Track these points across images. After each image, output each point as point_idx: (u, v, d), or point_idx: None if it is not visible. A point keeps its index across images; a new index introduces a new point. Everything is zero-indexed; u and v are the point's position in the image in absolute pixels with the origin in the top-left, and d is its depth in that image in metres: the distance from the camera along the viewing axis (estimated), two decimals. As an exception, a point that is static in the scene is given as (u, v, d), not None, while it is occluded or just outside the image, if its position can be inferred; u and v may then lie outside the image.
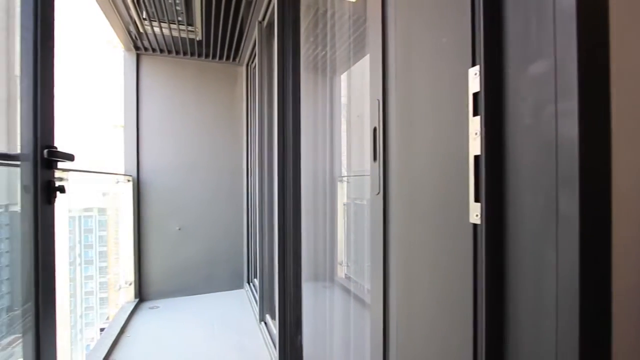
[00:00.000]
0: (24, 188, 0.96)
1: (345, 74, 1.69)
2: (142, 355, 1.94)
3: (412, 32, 0.62)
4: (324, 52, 1.67)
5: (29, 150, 0.93)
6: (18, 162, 0.95)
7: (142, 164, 2.73)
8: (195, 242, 2.88)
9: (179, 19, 2.25)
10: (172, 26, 2.33)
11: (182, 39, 2.54)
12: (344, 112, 1.72)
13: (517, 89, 0.41)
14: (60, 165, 1.04)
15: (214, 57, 2.88)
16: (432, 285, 0.56)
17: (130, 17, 2.23)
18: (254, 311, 2.47)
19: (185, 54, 2.82)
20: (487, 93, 0.43)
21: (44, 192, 0.96)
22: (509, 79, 0.42)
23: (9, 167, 1.24)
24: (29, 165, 0.93)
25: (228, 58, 2.92)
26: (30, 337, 0.98)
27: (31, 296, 0.98)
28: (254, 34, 2.30)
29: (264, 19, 2.07)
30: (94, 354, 1.91)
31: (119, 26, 2.33)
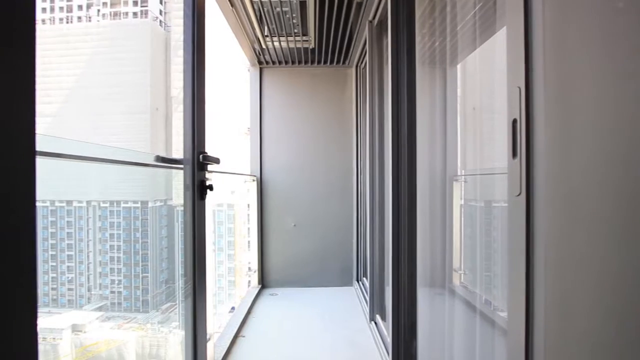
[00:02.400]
0: (185, 187, 1.19)
1: (460, 64, 1.55)
2: (265, 335, 2.18)
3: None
4: (439, 42, 1.56)
5: (189, 155, 1.15)
6: (181, 166, 1.19)
7: (264, 165, 3.09)
8: (308, 238, 3.09)
9: (295, 31, 2.44)
10: (289, 39, 2.54)
11: (298, 49, 2.75)
12: (458, 106, 1.57)
13: None
14: (208, 167, 1.25)
15: (325, 62, 3.04)
16: (608, 312, 0.45)
17: (255, 35, 2.53)
18: (363, 310, 2.49)
19: (300, 62, 3.05)
20: None
21: (198, 189, 1.17)
22: None
23: (167, 169, 1.55)
24: (189, 168, 1.15)
25: (338, 61, 3.03)
26: (190, 301, 1.21)
27: (190, 270, 1.21)
28: (363, 34, 2.32)
29: (374, 17, 2.06)
30: (229, 328, 2.23)
31: (247, 45, 2.67)
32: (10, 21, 0.47)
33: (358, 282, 2.94)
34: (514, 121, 0.65)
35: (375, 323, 2.16)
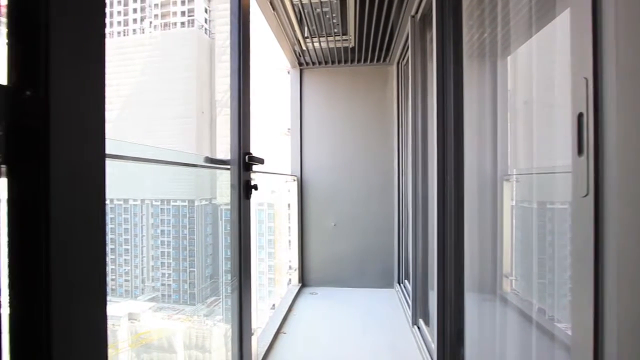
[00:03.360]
0: (232, 186, 1.24)
1: (512, 55, 1.44)
2: (305, 333, 2.20)
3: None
4: (489, 33, 1.47)
5: (235, 156, 1.19)
6: (228, 166, 1.24)
7: (304, 165, 3.13)
8: (348, 238, 3.08)
9: (335, 30, 2.44)
10: (329, 39, 2.55)
11: (337, 49, 2.75)
12: (510, 100, 1.47)
13: None
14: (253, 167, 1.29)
15: (365, 60, 3.00)
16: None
17: (296, 37, 2.57)
18: (405, 313, 2.43)
19: (339, 62, 3.05)
20: None
21: (244, 189, 1.21)
22: None
23: (211, 170, 1.62)
24: (235, 168, 1.20)
25: (379, 59, 2.98)
26: (236, 296, 1.26)
27: (236, 267, 1.25)
28: (405, 30, 2.26)
29: (417, 12, 2.00)
30: (271, 324, 2.29)
31: (288, 47, 2.72)
32: (88, 39, 0.52)
33: (399, 284, 2.87)
34: (580, 115, 0.60)
35: (418, 328, 2.09)
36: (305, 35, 2.53)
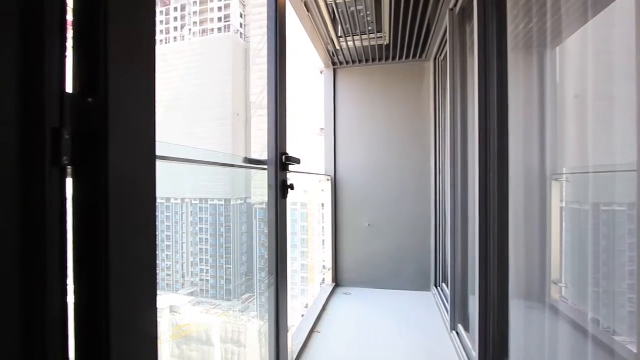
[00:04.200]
0: (269, 186, 1.26)
1: (562, 45, 1.34)
2: (340, 333, 2.20)
3: None
4: (537, 21, 1.38)
5: (273, 156, 1.22)
6: (265, 166, 1.27)
7: (338, 164, 3.12)
8: (382, 239, 3.03)
9: (369, 28, 2.41)
10: (364, 37, 2.52)
11: (372, 47, 2.71)
12: (560, 94, 1.36)
13: None
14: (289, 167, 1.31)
15: (400, 57, 2.94)
16: None
17: (330, 37, 2.57)
18: (443, 318, 2.34)
19: (374, 60, 3.01)
20: None
21: (281, 189, 1.23)
22: None
23: (246, 170, 1.66)
24: (272, 168, 1.22)
25: (414, 56, 2.90)
26: (273, 294, 1.28)
27: (273, 265, 1.28)
28: (443, 25, 2.18)
29: (455, 5, 1.92)
30: (305, 323, 2.31)
31: (321, 48, 2.73)
32: (141, 51, 0.56)
33: (436, 287, 2.78)
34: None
35: (457, 333, 2.01)
36: (339, 34, 2.52)
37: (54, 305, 0.43)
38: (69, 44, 0.48)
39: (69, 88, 0.48)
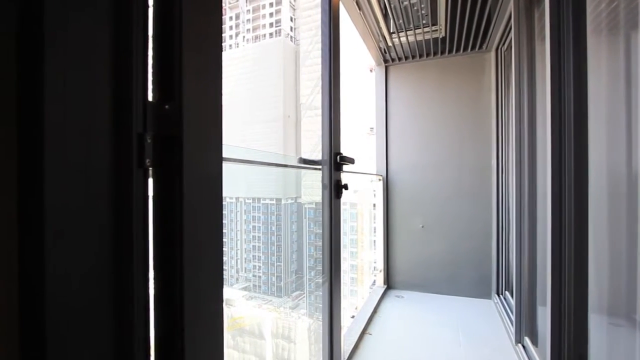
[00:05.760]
0: (323, 186, 1.27)
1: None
2: (392, 337, 2.14)
3: None
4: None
5: (327, 156, 1.22)
6: (319, 167, 1.28)
7: (390, 164, 3.04)
8: (438, 241, 2.89)
9: (423, 22, 2.32)
10: (417, 31, 2.43)
11: (426, 41, 2.60)
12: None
13: None
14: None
15: (457, 50, 2.78)
16: None
17: (381, 34, 2.51)
18: (506, 329, 2.17)
19: (428, 55, 2.88)
20: None
21: (335, 189, 1.23)
22: None
23: (297, 170, 1.67)
24: (327, 168, 1.23)
25: (473, 47, 2.72)
26: (327, 294, 1.28)
27: (327, 265, 1.28)
28: (507, 11, 2.02)
29: (522, -12, 1.76)
30: (356, 324, 2.29)
31: (373, 46, 2.69)
32: (209, 62, 0.59)
33: (499, 295, 2.58)
34: None
35: (524, 347, 1.85)
36: (391, 30, 2.46)
37: (139, 288, 0.47)
38: (150, 55, 0.53)
39: (150, 96, 0.53)
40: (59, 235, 0.38)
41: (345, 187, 1.24)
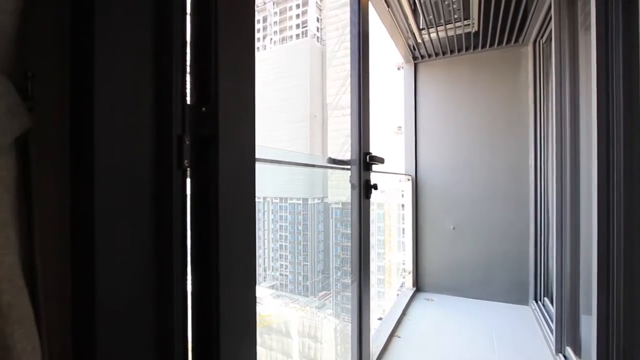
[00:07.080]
0: (352, 186, 1.26)
1: None
2: (422, 341, 2.09)
3: None
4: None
5: (356, 156, 1.21)
6: (348, 166, 1.27)
7: (419, 163, 2.97)
8: (470, 244, 2.79)
9: (455, 16, 2.24)
10: (448, 26, 2.36)
11: (457, 36, 2.52)
12: None
13: None
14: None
15: (491, 44, 2.66)
16: None
17: (410, 31, 2.46)
18: (545, 337, 2.05)
19: (459, 50, 2.79)
20: None
21: (364, 189, 1.22)
22: None
23: (323, 170, 1.67)
24: (355, 168, 1.22)
25: (509, 41, 2.60)
26: (356, 293, 1.28)
27: (356, 265, 1.27)
28: (546, 1, 1.91)
29: (563, -24, 1.66)
30: (384, 326, 2.25)
31: (401, 43, 2.64)
32: (243, 67, 0.60)
33: (537, 302, 2.45)
34: None
35: (565, 357, 1.74)
36: (421, 26, 2.40)
37: (178, 287, 0.49)
38: (188, 60, 0.55)
39: (188, 99, 0.55)
40: (108, 235, 0.41)
41: (375, 187, 1.22)
